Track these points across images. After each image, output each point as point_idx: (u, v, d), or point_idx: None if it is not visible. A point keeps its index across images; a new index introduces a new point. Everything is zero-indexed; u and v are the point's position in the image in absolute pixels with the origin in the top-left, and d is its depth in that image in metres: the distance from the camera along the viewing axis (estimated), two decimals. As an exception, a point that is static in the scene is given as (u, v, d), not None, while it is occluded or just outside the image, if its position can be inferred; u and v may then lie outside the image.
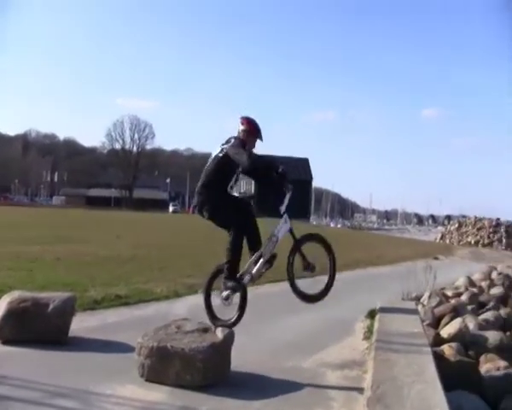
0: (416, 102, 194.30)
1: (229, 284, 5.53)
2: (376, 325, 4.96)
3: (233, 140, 5.55)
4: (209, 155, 5.88)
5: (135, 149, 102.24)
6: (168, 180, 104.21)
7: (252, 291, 10.38)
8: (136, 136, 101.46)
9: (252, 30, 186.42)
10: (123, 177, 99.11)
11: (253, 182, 5.61)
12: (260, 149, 5.77)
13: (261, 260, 5.51)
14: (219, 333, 5.02)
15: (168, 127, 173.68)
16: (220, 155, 5.52)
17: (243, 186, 43.47)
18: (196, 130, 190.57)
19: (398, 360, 3.84)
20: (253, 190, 39.57)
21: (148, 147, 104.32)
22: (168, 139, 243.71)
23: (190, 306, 8.19)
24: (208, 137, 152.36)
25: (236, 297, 5.54)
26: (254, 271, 5.52)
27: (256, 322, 7.51)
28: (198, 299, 9.16)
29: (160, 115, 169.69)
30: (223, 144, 5.60)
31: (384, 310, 5.43)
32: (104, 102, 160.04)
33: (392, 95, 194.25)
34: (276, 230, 5.44)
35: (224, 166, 5.49)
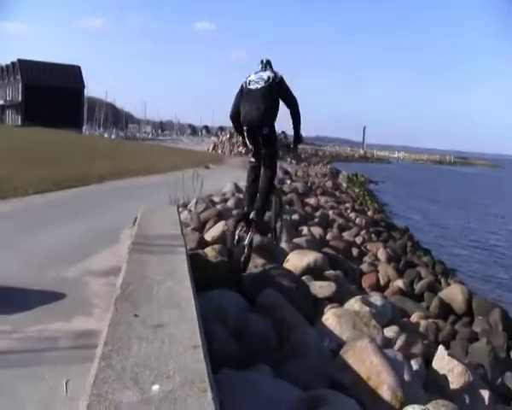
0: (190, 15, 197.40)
1: (263, 225, 5.76)
2: (135, 229, 4.97)
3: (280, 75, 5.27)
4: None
5: None
6: None
7: (13, 204, 9.85)
8: None
9: None
10: None
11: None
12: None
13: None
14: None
15: None
16: (276, 80, 5.17)
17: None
18: None
19: (152, 261, 3.86)
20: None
21: None
22: None
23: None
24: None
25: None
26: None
27: (17, 235, 7.00)
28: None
29: None
30: (273, 71, 5.28)
31: (145, 215, 5.47)
32: None
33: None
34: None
35: (278, 95, 5.19)
